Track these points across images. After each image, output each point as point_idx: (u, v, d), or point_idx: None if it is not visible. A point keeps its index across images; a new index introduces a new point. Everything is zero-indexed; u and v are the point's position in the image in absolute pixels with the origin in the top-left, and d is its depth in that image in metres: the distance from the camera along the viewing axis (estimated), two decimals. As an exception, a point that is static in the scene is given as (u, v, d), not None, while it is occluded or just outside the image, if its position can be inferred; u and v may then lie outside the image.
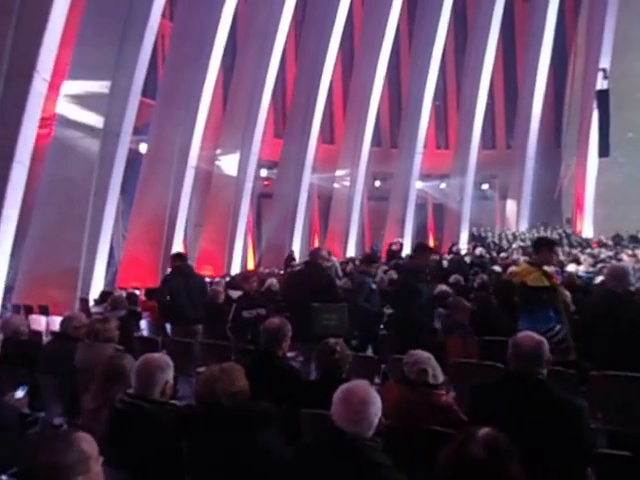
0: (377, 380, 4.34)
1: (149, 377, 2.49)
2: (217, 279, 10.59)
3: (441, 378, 2.93)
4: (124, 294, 6.93)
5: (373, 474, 1.98)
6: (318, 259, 5.19)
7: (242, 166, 14.91)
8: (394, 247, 14.12)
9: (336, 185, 19.29)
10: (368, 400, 2.07)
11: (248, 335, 5.17)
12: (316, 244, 19.77)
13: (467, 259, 12.08)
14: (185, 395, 4.00)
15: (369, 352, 5.27)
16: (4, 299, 7.89)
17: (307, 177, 17.06)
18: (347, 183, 19.02)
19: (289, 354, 4.08)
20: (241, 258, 15.43)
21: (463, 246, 17.83)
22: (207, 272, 13.78)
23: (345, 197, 18.92)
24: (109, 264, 11.23)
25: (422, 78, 19.17)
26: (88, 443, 1.63)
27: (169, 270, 6.38)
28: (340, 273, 10.97)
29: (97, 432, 1.92)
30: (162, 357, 2.68)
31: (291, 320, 3.60)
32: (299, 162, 16.70)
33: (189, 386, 4.30)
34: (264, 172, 17.46)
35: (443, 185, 21.12)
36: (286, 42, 15.71)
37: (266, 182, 17.94)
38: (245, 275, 5.99)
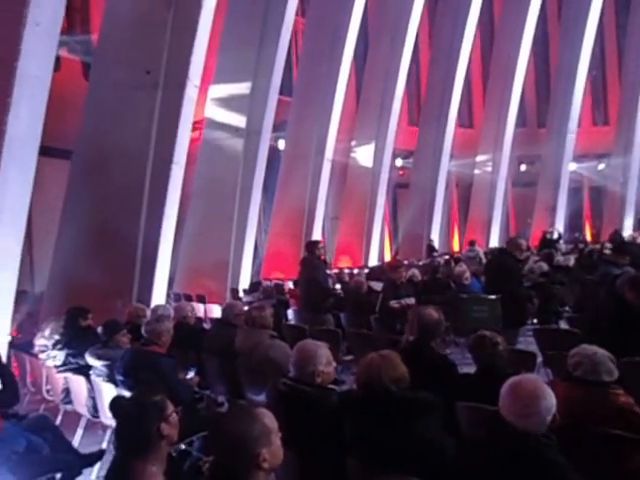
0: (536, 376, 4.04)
1: (307, 362, 2.58)
2: (356, 270, 10.68)
3: (609, 377, 2.61)
4: (272, 284, 7.24)
5: (549, 473, 1.84)
6: (509, 248, 4.95)
7: (377, 156, 14.87)
8: (549, 235, 13.17)
9: (477, 171, 18.39)
10: (538, 394, 1.95)
11: (397, 325, 5.07)
12: (455, 234, 19.09)
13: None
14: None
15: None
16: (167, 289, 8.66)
17: (445, 164, 16.47)
18: (489, 169, 18.04)
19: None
20: (378, 249, 15.43)
21: (628, 233, 15.96)
22: (344, 264, 13.99)
23: (487, 184, 17.97)
24: (254, 257, 11.87)
25: (575, 45, 17.29)
26: (269, 418, 1.72)
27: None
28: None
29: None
30: (316, 344, 2.74)
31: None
32: (436, 149, 16.19)
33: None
34: (399, 162, 17.23)
35: (602, 166, 18.97)
36: (419, 25, 15.25)
37: (402, 172, 17.70)
38: (394, 264, 5.87)
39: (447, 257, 12.34)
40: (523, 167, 19.34)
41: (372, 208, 14.84)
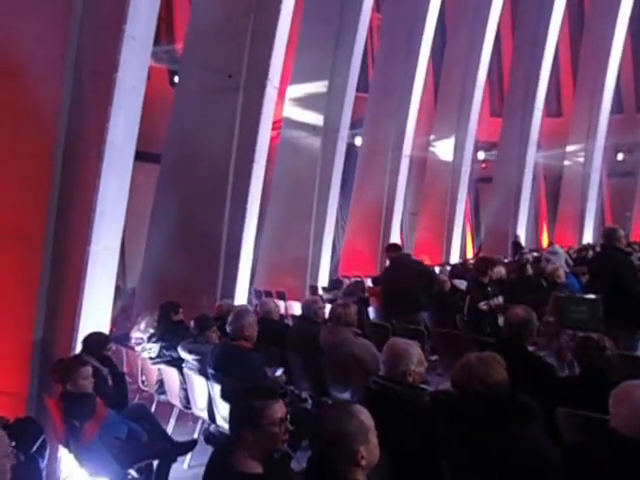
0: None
1: (398, 361, 2.55)
2: (437, 268, 10.44)
3: None
4: (354, 281, 7.24)
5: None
6: (612, 240, 4.55)
7: (458, 150, 14.41)
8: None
9: (567, 162, 17.26)
10: None
11: (487, 328, 4.86)
12: (544, 229, 18.12)
13: None
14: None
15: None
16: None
17: (531, 156, 15.58)
18: (581, 159, 16.90)
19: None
20: (460, 246, 15.00)
21: None
22: (424, 261, 13.73)
23: (578, 175, 16.83)
24: (332, 254, 11.92)
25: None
26: (367, 416, 1.73)
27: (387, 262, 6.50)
28: (571, 262, 10.11)
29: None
30: (407, 342, 2.71)
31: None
32: (522, 140, 15.40)
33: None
34: (481, 154, 16.62)
35: None
36: (501, 9, 14.55)
37: (484, 165, 17.08)
38: (485, 262, 5.64)
39: (536, 254, 11.75)
40: (620, 156, 17.81)
41: (453, 203, 14.39)
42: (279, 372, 3.93)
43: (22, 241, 4.34)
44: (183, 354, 4.29)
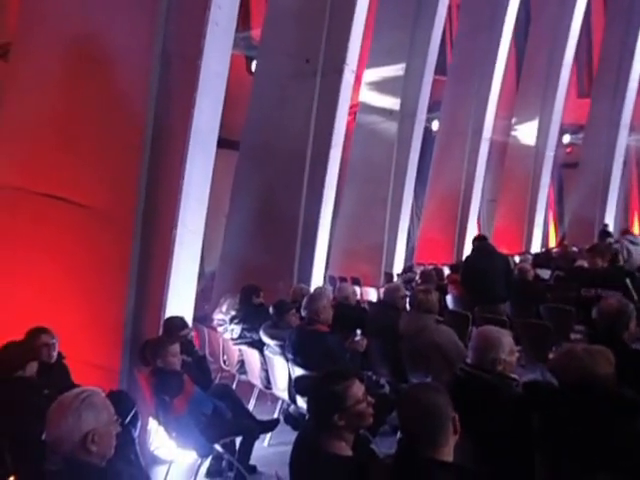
0: None
1: (488, 349, 2.45)
2: (517, 257, 10.02)
3: None
4: (431, 268, 7.10)
5: None
6: None
7: (541, 133, 13.70)
8: None
9: (663, 145, 16.06)
10: None
11: (579, 315, 4.61)
12: (635, 219, 16.89)
13: None
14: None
15: None
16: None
17: (623, 139, 14.50)
18: (679, 141, 15.65)
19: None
20: (542, 235, 14.30)
21: None
22: (503, 250, 13.22)
23: (677, 160, 15.61)
24: (407, 242, 11.74)
25: None
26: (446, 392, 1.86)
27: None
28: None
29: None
30: (499, 330, 2.61)
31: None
32: (612, 122, 14.33)
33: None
34: (567, 138, 15.70)
35: None
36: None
37: (569, 149, 16.13)
38: (601, 249, 5.35)
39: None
40: None
41: (535, 190, 13.73)
42: (358, 337, 3.93)
43: (115, 224, 4.58)
44: (265, 339, 4.36)
